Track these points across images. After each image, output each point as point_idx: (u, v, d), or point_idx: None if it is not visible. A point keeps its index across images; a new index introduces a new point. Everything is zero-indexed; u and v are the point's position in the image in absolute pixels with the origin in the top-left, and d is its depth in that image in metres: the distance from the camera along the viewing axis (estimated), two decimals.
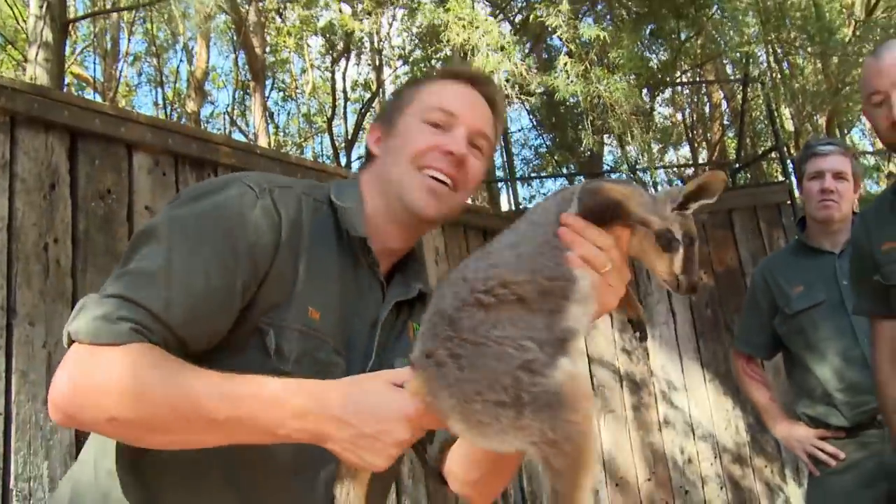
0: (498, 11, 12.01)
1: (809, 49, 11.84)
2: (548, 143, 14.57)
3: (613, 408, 7.37)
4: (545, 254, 1.42)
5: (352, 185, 1.99)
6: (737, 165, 10.96)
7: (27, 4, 11.43)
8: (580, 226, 1.47)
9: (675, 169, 15.38)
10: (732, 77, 13.47)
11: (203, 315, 1.50)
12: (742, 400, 7.14)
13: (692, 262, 1.53)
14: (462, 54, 6.95)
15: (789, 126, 15.04)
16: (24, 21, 12.68)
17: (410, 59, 13.10)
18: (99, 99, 16.37)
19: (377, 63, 12.14)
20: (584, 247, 1.45)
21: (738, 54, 10.87)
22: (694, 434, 7.30)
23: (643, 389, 7.46)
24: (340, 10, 10.12)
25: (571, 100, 6.35)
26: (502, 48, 6.53)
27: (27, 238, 4.01)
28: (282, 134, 16.59)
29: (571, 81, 6.28)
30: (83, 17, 12.53)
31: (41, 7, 8.14)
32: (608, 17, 10.48)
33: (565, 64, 6.49)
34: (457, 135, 1.94)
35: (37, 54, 8.16)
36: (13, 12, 13.24)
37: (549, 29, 7.11)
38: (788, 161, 9.24)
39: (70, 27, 10.47)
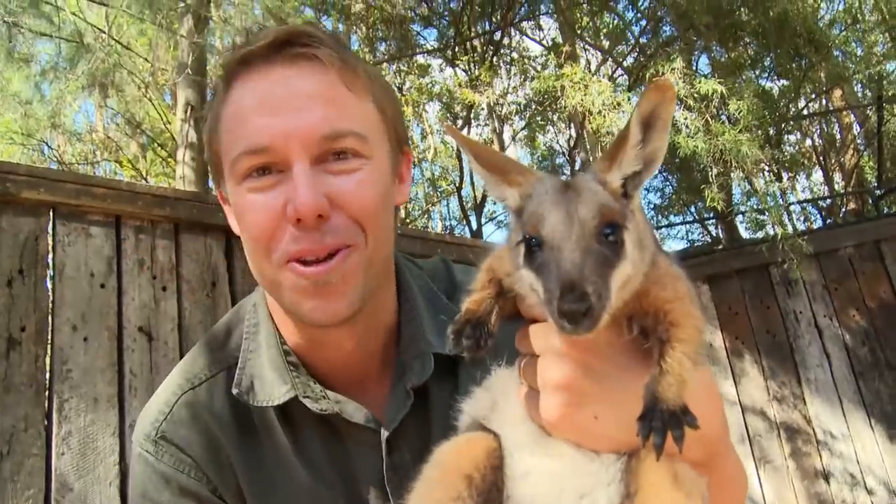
0: (608, 58, 12.06)
1: None
2: (673, 184, 14.34)
3: (771, 458, 7.06)
4: None
5: (261, 313, 1.61)
6: (879, 192, 10.41)
7: (171, 108, 12.43)
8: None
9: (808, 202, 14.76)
10: (863, 98, 12.87)
11: None
12: None
13: (548, 269, 1.03)
14: (581, 117, 7.07)
15: None
16: (169, 122, 13.76)
17: (528, 116, 13.28)
18: None
19: (496, 127, 12.43)
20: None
21: (867, 74, 10.44)
22: (864, 483, 6.87)
23: (801, 437, 7.12)
24: (457, 79, 10.50)
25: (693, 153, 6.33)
26: (618, 104, 6.59)
27: (195, 335, 4.32)
28: (409, 202, 17.09)
29: (691, 136, 6.25)
30: None
31: (186, 111, 8.83)
32: (722, 54, 10.34)
33: (685, 119, 6.47)
34: (295, 176, 1.36)
35: (184, 155, 8.85)
36: (159, 114, 14.39)
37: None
38: None
39: None
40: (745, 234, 11.74)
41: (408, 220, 15.18)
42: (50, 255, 3.91)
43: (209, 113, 1.53)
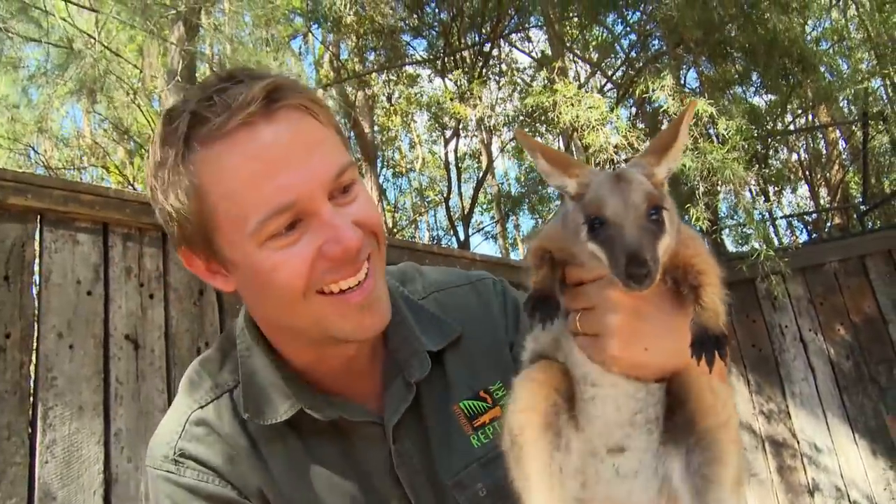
0: (597, 70, 12.13)
1: None
2: None
3: (757, 472, 7.09)
4: None
5: (250, 337, 1.67)
6: (863, 207, 10.50)
7: (160, 114, 12.37)
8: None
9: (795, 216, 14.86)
10: (848, 115, 12.99)
11: None
12: None
13: (612, 243, 1.29)
14: (571, 131, 7.11)
15: None
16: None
17: (517, 127, 13.32)
18: None
19: (486, 140, 12.47)
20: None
21: (853, 91, 10.54)
22: (848, 497, 6.90)
23: (787, 451, 7.15)
24: (447, 92, 10.52)
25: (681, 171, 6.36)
26: (609, 122, 6.62)
27: (182, 344, 4.29)
28: (396, 210, 17.09)
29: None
30: None
31: None
32: (711, 69, 10.41)
33: None
34: (327, 220, 1.45)
35: None
36: (147, 121, 14.32)
37: (657, 105, 7.20)
38: None
39: None
40: (731, 248, 11.80)
41: (395, 230, 15.19)
42: (36, 262, 3.88)
43: (170, 185, 1.48)
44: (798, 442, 7.14)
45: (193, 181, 1.44)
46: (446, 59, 11.44)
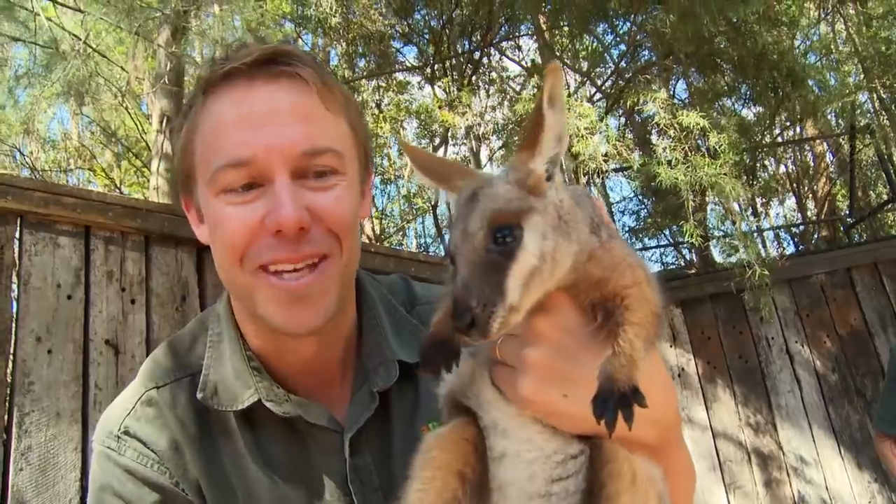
0: (586, 80, 12.14)
1: None
2: (648, 208, 14.42)
3: (742, 484, 7.06)
4: None
5: (224, 322, 1.61)
6: (850, 220, 10.55)
7: (148, 117, 12.32)
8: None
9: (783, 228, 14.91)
10: (836, 127, 13.07)
11: None
12: (884, 471, 6.72)
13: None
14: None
15: None
16: (145, 132, 13.62)
17: (506, 136, 13.33)
18: None
19: (475, 148, 12.44)
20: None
21: (840, 104, 10.59)
22: None
23: (773, 463, 7.13)
24: (436, 100, 10.51)
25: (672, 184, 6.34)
26: (599, 131, 6.61)
27: None
28: (383, 217, 17.03)
29: (672, 166, 6.28)
30: None
31: (161, 122, 8.73)
32: (701, 79, 10.44)
33: (664, 149, 6.49)
34: (277, 189, 1.39)
35: (158, 166, 8.74)
36: (135, 123, 14.26)
37: (647, 115, 7.23)
38: None
39: None
40: (718, 258, 11.81)
41: (383, 237, 15.13)
42: (16, 265, 3.82)
43: (183, 122, 1.53)
44: (784, 454, 7.13)
45: (193, 122, 1.48)
46: (436, 66, 11.43)
